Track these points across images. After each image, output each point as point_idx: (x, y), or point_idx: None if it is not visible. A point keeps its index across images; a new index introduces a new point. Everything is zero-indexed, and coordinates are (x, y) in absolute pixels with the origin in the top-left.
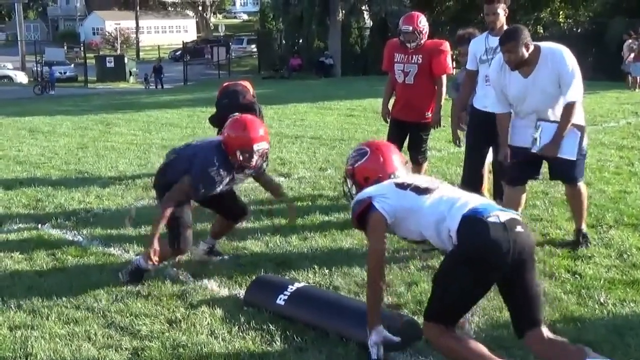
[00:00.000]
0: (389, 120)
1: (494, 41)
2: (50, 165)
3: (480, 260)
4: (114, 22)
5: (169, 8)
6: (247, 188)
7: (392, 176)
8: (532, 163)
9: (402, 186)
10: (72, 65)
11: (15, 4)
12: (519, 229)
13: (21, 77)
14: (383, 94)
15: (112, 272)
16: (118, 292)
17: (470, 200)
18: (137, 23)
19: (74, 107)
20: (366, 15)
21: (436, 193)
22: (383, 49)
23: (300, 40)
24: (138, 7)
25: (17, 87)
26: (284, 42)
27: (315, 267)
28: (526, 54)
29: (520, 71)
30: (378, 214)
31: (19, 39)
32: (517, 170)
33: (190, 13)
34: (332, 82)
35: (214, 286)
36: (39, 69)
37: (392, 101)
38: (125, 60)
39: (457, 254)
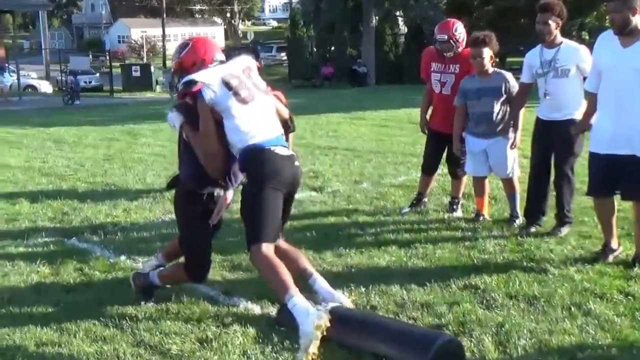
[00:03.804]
0: (427, 132)
1: (549, 54)
2: (77, 177)
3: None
4: (140, 30)
5: (196, 15)
6: None
7: (215, 60)
8: (610, 172)
9: (227, 85)
10: (98, 75)
11: (40, 12)
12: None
13: (45, 87)
14: (420, 104)
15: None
16: (147, 309)
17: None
18: (163, 31)
19: (100, 117)
20: (401, 21)
21: (249, 107)
22: (419, 57)
23: (332, 48)
24: (165, 15)
25: (42, 96)
26: (315, 49)
27: (351, 285)
28: (633, 21)
29: (620, 39)
30: (203, 102)
31: (43, 47)
32: (598, 179)
33: (218, 20)
34: (366, 91)
35: (246, 304)
36: (63, 78)
37: (430, 111)
38: (152, 69)
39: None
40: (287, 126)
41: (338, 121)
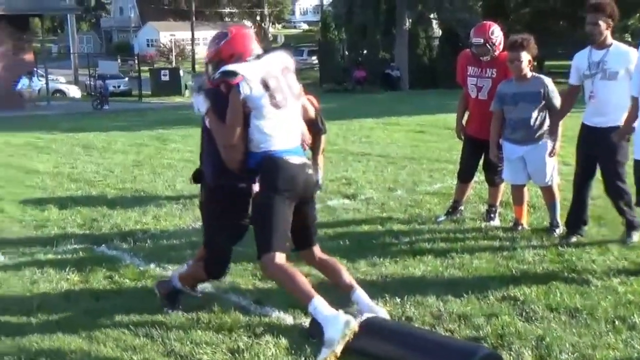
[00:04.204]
0: (463, 138)
1: (598, 55)
2: (106, 184)
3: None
4: (169, 34)
5: (226, 18)
6: None
7: (253, 54)
8: None
9: (265, 85)
10: (126, 79)
11: (68, 16)
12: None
13: (74, 91)
14: (456, 108)
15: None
16: (177, 317)
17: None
18: (192, 34)
19: (129, 122)
20: (435, 24)
21: (280, 112)
22: (453, 60)
23: (365, 51)
24: (194, 18)
25: (70, 101)
26: (346, 53)
27: (386, 295)
28: None
29: None
30: (238, 96)
31: (71, 51)
32: None
33: (248, 23)
34: (399, 95)
35: (278, 314)
36: (92, 82)
37: (466, 116)
38: (181, 73)
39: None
40: (317, 128)
41: (371, 126)
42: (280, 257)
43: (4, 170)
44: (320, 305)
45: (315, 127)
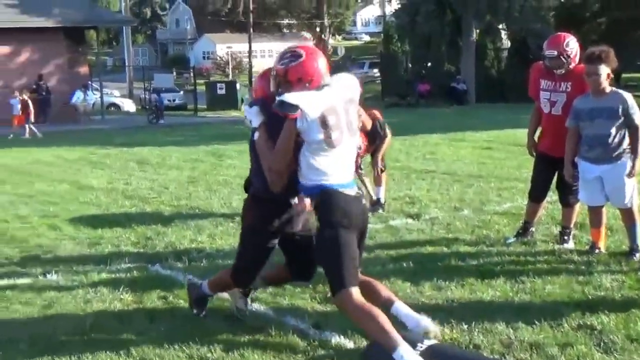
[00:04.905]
0: (534, 155)
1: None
2: (160, 201)
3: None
4: (226, 46)
5: (284, 30)
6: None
7: (322, 84)
8: None
9: (324, 122)
10: (182, 92)
11: (124, 28)
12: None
13: (128, 105)
14: (527, 124)
15: (227, 318)
16: (234, 340)
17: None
18: (250, 46)
19: (184, 137)
20: (503, 34)
21: (335, 150)
22: (523, 72)
23: (429, 64)
24: (252, 30)
25: (124, 115)
26: (410, 65)
27: (452, 321)
28: None
29: None
30: (294, 129)
31: (126, 64)
32: None
33: (307, 35)
34: (466, 110)
35: (338, 339)
36: (147, 96)
37: (538, 132)
38: (237, 86)
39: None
40: (376, 134)
41: (436, 142)
42: (356, 293)
43: (58, 186)
44: (406, 354)
45: (374, 134)
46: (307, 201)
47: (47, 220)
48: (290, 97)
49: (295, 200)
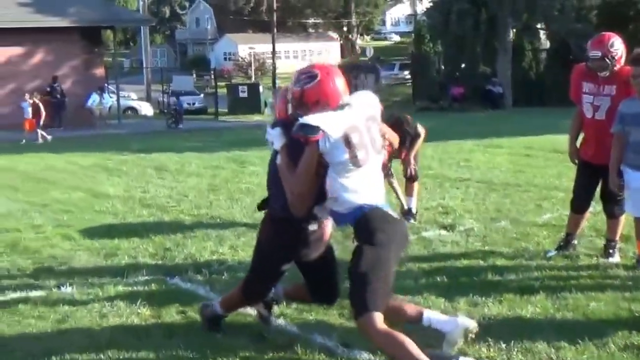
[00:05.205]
0: (577, 163)
1: None
2: (179, 210)
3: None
4: (248, 46)
5: (310, 30)
6: None
7: (341, 103)
8: None
9: (347, 141)
10: (202, 95)
11: (142, 28)
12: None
13: (146, 109)
14: (568, 129)
15: (251, 335)
16: (258, 358)
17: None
18: (273, 47)
19: (204, 142)
20: (542, 34)
21: (361, 169)
22: (563, 74)
23: (463, 65)
24: (275, 29)
25: (142, 119)
26: (442, 67)
27: (489, 339)
28: None
29: None
30: (316, 152)
31: (144, 66)
32: None
33: (334, 35)
34: (502, 114)
35: (366, 356)
36: (165, 99)
37: (580, 138)
38: (260, 89)
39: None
40: (402, 138)
41: (470, 149)
42: (380, 318)
43: (72, 193)
44: None
45: (402, 134)
46: (328, 229)
47: (61, 229)
48: (310, 119)
49: (315, 226)
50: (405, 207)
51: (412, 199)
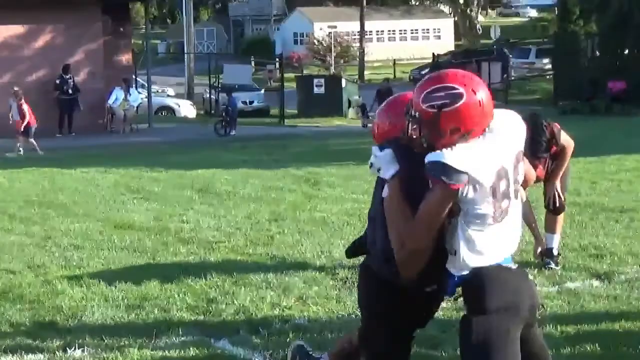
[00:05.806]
0: None
1: None
2: (229, 246)
3: None
4: (327, 25)
5: (412, 2)
6: None
7: (487, 130)
8: None
9: (495, 191)
10: (263, 91)
11: (184, 2)
12: None
13: (186, 109)
14: None
15: None
16: None
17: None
18: (362, 26)
19: (264, 155)
20: None
21: (500, 224)
22: None
23: (626, 51)
24: (365, 2)
25: (181, 123)
26: (597, 54)
27: None
28: None
29: None
30: (452, 197)
31: (185, 51)
32: None
33: (446, 10)
34: None
35: None
36: (213, 97)
37: None
38: (343, 82)
39: None
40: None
41: (635, 167)
42: None
43: (84, 223)
44: None
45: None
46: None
47: (69, 271)
48: (454, 160)
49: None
50: (544, 247)
51: (555, 237)
